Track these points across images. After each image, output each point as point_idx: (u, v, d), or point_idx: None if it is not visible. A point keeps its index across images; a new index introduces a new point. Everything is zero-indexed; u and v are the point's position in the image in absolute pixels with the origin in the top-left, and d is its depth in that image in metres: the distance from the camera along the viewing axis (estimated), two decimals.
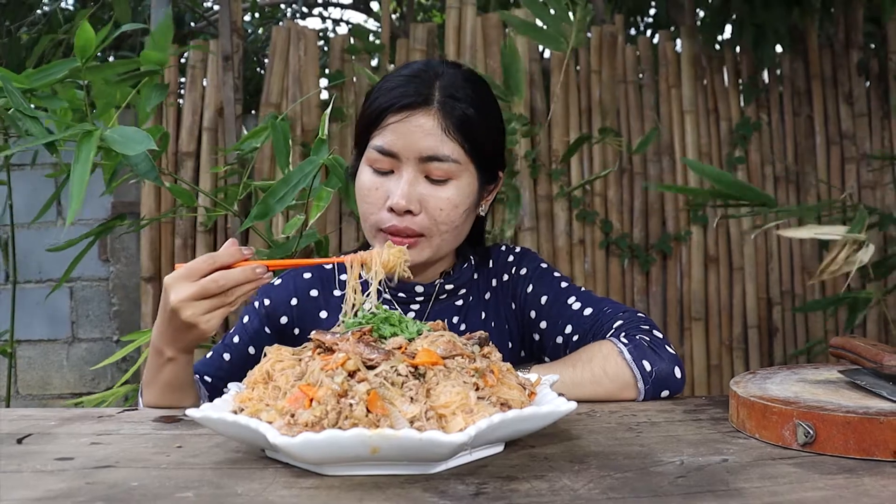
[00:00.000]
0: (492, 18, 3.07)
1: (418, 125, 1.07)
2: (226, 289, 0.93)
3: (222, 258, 0.94)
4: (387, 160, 1.09)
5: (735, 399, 0.86)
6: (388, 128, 1.08)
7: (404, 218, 1.08)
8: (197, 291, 0.92)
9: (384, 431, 0.64)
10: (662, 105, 3.19)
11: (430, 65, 1.14)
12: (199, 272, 0.93)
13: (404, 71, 1.13)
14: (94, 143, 1.29)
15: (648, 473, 0.69)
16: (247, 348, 1.19)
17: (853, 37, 3.27)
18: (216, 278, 0.93)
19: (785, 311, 3.22)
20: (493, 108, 1.17)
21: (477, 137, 1.11)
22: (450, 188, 1.10)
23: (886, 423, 0.71)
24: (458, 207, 1.11)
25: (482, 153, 1.13)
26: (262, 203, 1.34)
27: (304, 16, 4.96)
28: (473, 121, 1.10)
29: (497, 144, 1.18)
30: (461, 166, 1.10)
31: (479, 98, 1.13)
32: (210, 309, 0.94)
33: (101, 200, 3.04)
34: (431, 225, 1.10)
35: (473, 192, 1.14)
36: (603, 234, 3.12)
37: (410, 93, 1.08)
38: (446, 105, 1.08)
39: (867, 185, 3.23)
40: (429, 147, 1.07)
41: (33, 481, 0.70)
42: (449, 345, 0.79)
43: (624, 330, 1.10)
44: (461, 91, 1.10)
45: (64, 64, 1.46)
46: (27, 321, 3.12)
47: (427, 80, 1.09)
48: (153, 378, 1.04)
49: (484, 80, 1.19)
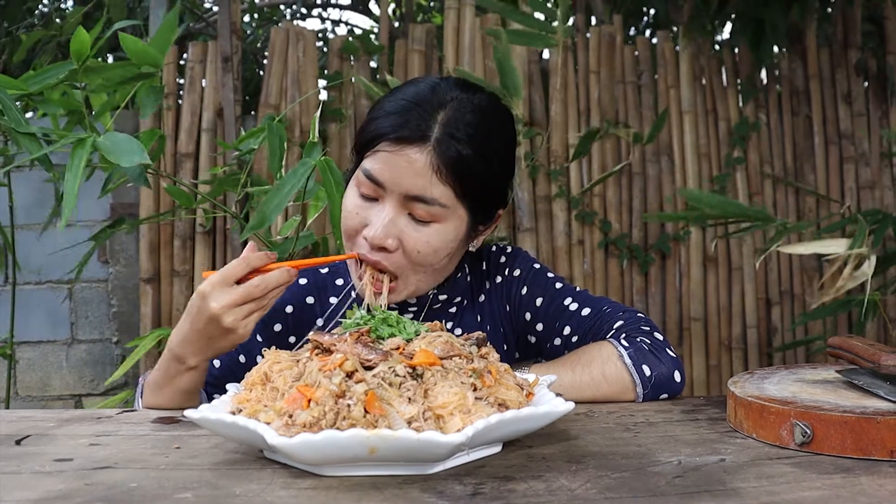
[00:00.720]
0: (491, 19, 3.07)
1: (409, 161, 0.99)
2: (266, 291, 0.93)
3: (256, 261, 0.94)
4: (372, 187, 1.02)
5: (732, 399, 0.86)
6: (380, 155, 1.01)
7: (378, 252, 1.03)
8: (240, 297, 0.92)
9: (382, 432, 0.65)
10: (661, 105, 3.19)
11: (439, 90, 1.04)
12: (234, 277, 0.93)
13: (409, 91, 1.05)
14: (87, 150, 1.29)
15: (646, 473, 0.69)
16: (238, 356, 1.15)
17: (851, 37, 3.27)
18: (258, 283, 0.93)
19: (784, 311, 3.22)
20: (499, 145, 1.07)
21: (472, 180, 1.02)
22: (431, 231, 1.03)
23: (883, 422, 0.71)
24: (438, 252, 1.04)
25: (476, 196, 1.04)
26: (259, 213, 1.34)
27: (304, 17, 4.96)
28: (471, 162, 1.01)
29: (498, 185, 1.09)
30: (448, 210, 1.02)
31: (484, 135, 1.03)
32: (249, 313, 0.93)
33: (101, 202, 3.04)
34: (406, 264, 1.04)
35: (459, 236, 1.06)
36: (602, 234, 3.12)
37: (408, 124, 1.00)
38: (443, 143, 0.99)
39: (866, 185, 3.23)
40: (416, 186, 1.00)
41: (32, 482, 0.70)
42: (447, 345, 0.79)
43: (625, 331, 1.09)
44: (464, 128, 1.01)
45: (60, 67, 1.45)
46: (27, 322, 3.12)
47: (429, 111, 1.01)
48: (166, 383, 1.01)
49: (501, 111, 1.09)
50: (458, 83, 1.06)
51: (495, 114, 1.07)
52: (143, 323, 2.98)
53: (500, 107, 1.09)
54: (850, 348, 1.01)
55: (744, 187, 3.18)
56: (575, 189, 3.10)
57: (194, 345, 0.96)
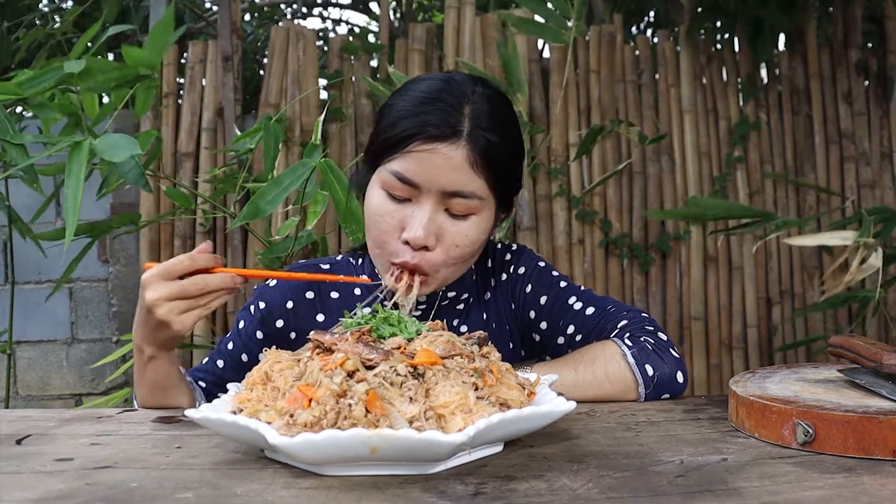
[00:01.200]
0: (491, 18, 3.07)
1: (445, 158, 0.99)
2: (204, 292, 0.94)
3: (202, 261, 0.95)
4: (406, 188, 1.01)
5: (734, 398, 0.86)
6: (412, 155, 1.00)
7: (418, 254, 1.02)
8: (175, 291, 0.93)
9: (383, 431, 0.64)
10: (661, 104, 3.19)
11: (455, 83, 1.04)
12: (176, 272, 0.94)
13: (424, 88, 1.04)
14: (85, 154, 1.29)
15: (647, 473, 0.69)
16: (240, 355, 1.16)
17: (852, 36, 3.27)
18: (197, 281, 0.94)
19: (784, 310, 3.22)
20: (516, 132, 1.09)
21: (502, 170, 1.04)
22: (469, 223, 1.04)
23: (886, 422, 0.71)
24: (475, 244, 1.06)
25: (505, 186, 1.06)
26: (252, 204, 1.33)
27: (304, 16, 4.95)
28: (500, 152, 1.02)
29: (519, 172, 1.11)
30: (483, 202, 1.03)
31: (505, 124, 1.05)
32: (185, 310, 0.94)
33: (101, 202, 3.03)
34: (442, 262, 1.04)
35: (490, 226, 1.09)
36: (602, 233, 3.12)
37: (439, 122, 0.99)
38: (474, 136, 1.00)
39: (866, 183, 3.23)
40: (454, 182, 1.00)
41: (33, 482, 0.69)
42: (448, 345, 0.79)
43: (629, 331, 1.09)
44: (488, 119, 1.02)
45: (55, 71, 1.44)
46: (26, 322, 3.12)
47: (455, 105, 1.01)
48: (139, 378, 1.04)
49: (507, 98, 1.11)
50: (469, 77, 1.07)
51: (505, 101, 1.09)
52: None
53: (505, 96, 1.11)
54: (852, 347, 1.01)
55: (744, 186, 3.18)
56: (575, 188, 3.10)
57: (142, 333, 0.99)
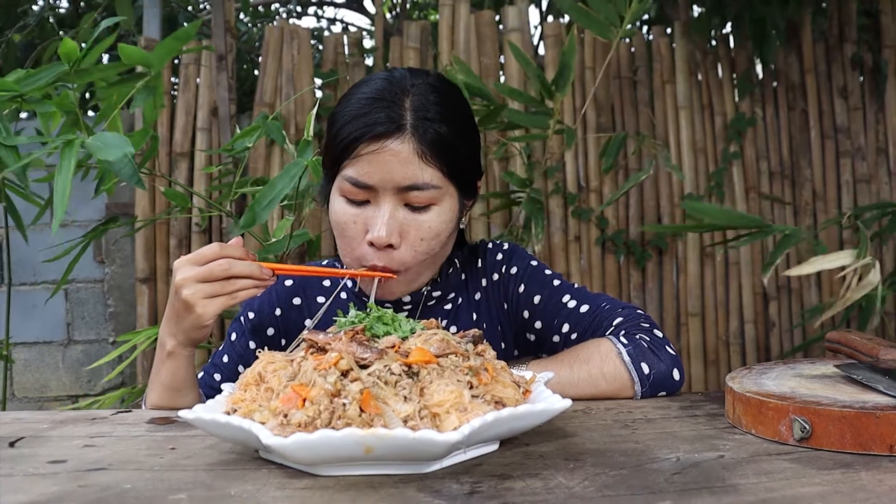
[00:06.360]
0: (485, 16, 3.06)
1: (393, 154, 1.00)
2: (230, 276, 0.96)
3: (231, 250, 0.98)
4: (362, 192, 1.02)
5: (731, 395, 0.86)
6: (362, 158, 1.01)
7: (384, 253, 1.03)
8: (202, 273, 0.96)
9: (378, 431, 0.64)
10: (657, 100, 3.19)
11: (394, 79, 1.05)
12: (207, 258, 0.97)
13: (366, 90, 1.04)
14: (76, 152, 1.30)
15: (644, 470, 0.69)
16: (236, 367, 1.16)
17: (847, 31, 3.27)
18: (223, 263, 0.96)
19: (781, 306, 3.22)
20: (466, 117, 1.10)
21: (455, 157, 1.04)
22: (432, 215, 1.04)
23: (883, 417, 0.71)
24: (440, 235, 1.06)
25: (461, 171, 1.07)
26: (250, 211, 1.35)
27: (299, 15, 4.95)
28: (449, 139, 1.03)
29: (475, 156, 1.11)
30: (441, 190, 1.03)
31: (451, 111, 1.05)
32: (211, 294, 0.96)
33: (96, 202, 3.03)
34: (411, 258, 1.05)
35: (455, 215, 1.08)
36: (599, 230, 3.11)
37: (382, 119, 1.00)
38: (419, 128, 1.01)
39: (862, 178, 3.23)
40: (407, 177, 1.00)
41: (26, 485, 0.69)
42: (442, 343, 0.78)
43: (624, 328, 1.09)
44: (433, 109, 1.02)
45: (52, 68, 1.45)
46: (22, 323, 3.11)
47: (395, 101, 1.02)
48: (154, 376, 1.05)
49: (453, 85, 1.12)
50: (409, 72, 1.08)
51: (451, 89, 1.10)
52: (139, 323, 2.98)
53: (450, 83, 1.12)
54: (849, 343, 1.01)
55: (740, 182, 3.18)
56: (571, 185, 3.10)
57: (169, 323, 1.01)
